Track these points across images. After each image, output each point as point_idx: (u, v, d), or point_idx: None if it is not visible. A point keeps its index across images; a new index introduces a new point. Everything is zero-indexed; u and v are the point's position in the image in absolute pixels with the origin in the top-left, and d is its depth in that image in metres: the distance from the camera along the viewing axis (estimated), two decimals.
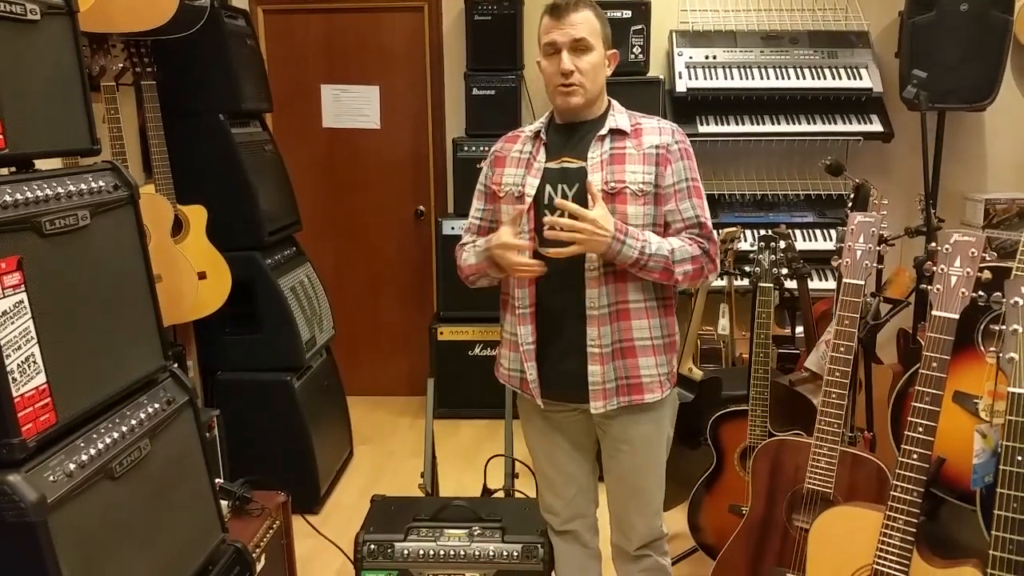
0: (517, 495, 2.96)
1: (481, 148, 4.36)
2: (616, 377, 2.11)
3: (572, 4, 2.02)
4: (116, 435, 1.75)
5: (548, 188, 2.09)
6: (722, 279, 3.45)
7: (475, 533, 2.51)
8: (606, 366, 2.09)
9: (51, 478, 1.55)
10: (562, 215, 1.99)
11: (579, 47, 2.02)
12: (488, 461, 3.10)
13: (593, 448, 2.33)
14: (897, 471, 1.89)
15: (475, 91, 4.39)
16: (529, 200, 2.08)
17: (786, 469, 2.36)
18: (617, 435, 2.20)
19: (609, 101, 2.17)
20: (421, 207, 4.88)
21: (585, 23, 2.02)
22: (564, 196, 2.06)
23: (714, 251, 2.11)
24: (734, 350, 3.92)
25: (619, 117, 2.13)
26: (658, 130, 2.11)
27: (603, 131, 2.09)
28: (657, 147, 2.07)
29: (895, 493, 1.89)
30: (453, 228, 4.43)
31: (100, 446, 1.70)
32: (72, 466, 1.61)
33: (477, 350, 4.53)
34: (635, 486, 2.26)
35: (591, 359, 2.09)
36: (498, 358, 2.33)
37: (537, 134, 2.17)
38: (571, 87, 2.04)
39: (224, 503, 2.57)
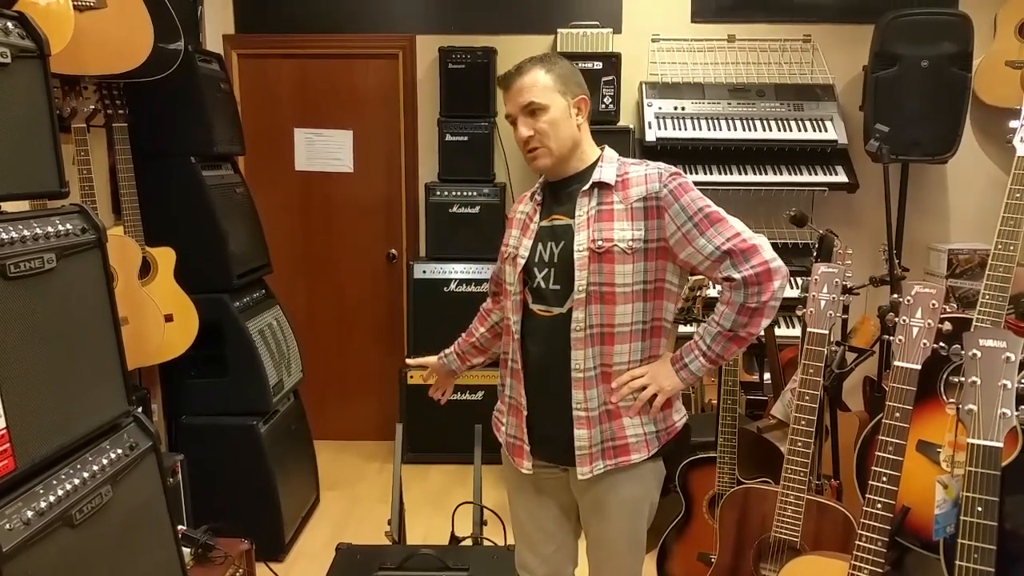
0: (486, 543, 2.93)
1: (454, 193, 4.40)
2: (602, 440, 2.03)
3: (516, 71, 2.01)
4: (77, 481, 1.73)
5: (539, 247, 2.06)
6: (690, 325, 3.47)
7: None
8: (593, 430, 2.02)
9: (7, 526, 1.53)
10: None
11: (531, 110, 1.99)
12: (456, 508, 3.07)
13: (575, 507, 2.23)
14: (862, 520, 1.91)
15: (448, 137, 4.43)
16: (522, 262, 2.06)
17: (753, 517, 2.37)
18: (599, 498, 2.09)
19: (602, 150, 2.09)
20: (393, 251, 4.88)
21: (533, 86, 1.98)
22: (552, 254, 2.03)
23: (758, 262, 1.93)
24: (703, 396, 3.94)
25: (606, 168, 2.04)
26: (644, 178, 1.99)
27: (587, 186, 2.02)
28: (645, 199, 1.97)
29: (860, 543, 1.90)
30: (425, 272, 4.44)
31: (60, 493, 1.67)
32: (30, 513, 1.58)
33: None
34: (613, 551, 2.16)
35: (577, 423, 2.02)
36: (498, 415, 2.25)
37: (535, 194, 2.15)
38: (534, 151, 2.02)
39: (187, 550, 2.53)
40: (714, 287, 3.46)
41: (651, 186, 1.98)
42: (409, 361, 2.40)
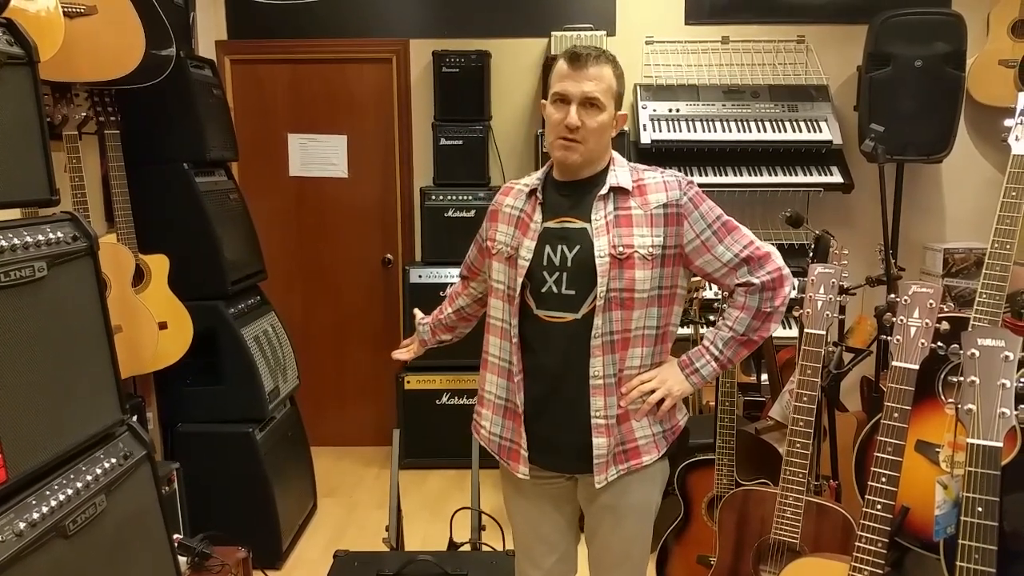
0: (484, 548, 2.92)
1: (449, 197, 4.40)
2: (614, 445, 2.01)
3: (593, 56, 1.92)
4: (70, 492, 1.71)
5: (548, 249, 1.99)
6: (688, 327, 3.47)
7: None
8: (611, 437, 1.99)
9: (0, 538, 1.51)
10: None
11: (590, 103, 1.92)
12: (454, 514, 3.06)
13: (576, 513, 2.21)
14: (861, 521, 1.90)
15: (443, 141, 4.43)
16: (526, 264, 1.99)
17: (753, 519, 2.36)
18: (608, 502, 2.07)
19: (611, 156, 2.05)
20: (389, 255, 4.87)
21: (602, 80, 1.92)
22: (563, 257, 1.97)
23: (772, 268, 1.99)
24: (700, 398, 3.93)
25: (620, 173, 2.01)
26: (663, 185, 1.98)
27: (604, 190, 1.98)
28: (665, 206, 1.96)
29: (860, 544, 1.89)
30: (420, 276, 4.42)
31: (53, 503, 1.65)
32: (23, 525, 1.56)
33: (445, 399, 4.49)
34: (622, 554, 2.14)
35: (596, 431, 1.98)
36: (477, 418, 2.20)
37: (533, 191, 2.06)
38: (572, 143, 1.94)
39: (183, 559, 2.51)
40: (710, 288, 3.48)
41: (671, 193, 1.98)
42: (398, 355, 2.58)
